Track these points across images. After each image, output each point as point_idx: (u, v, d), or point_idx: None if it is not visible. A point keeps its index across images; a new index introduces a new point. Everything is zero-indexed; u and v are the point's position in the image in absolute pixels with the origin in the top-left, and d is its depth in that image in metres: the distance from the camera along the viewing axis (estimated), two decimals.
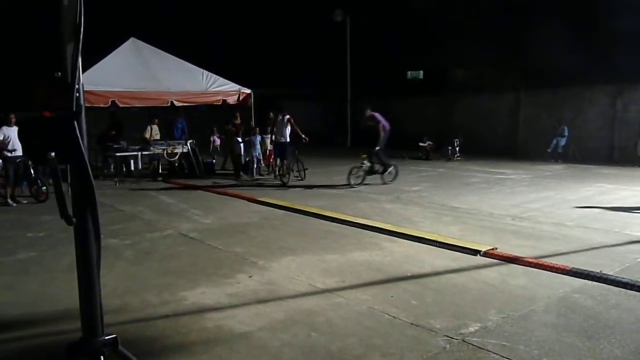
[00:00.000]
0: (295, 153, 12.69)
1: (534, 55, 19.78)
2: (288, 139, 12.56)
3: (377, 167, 12.00)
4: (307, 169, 12.95)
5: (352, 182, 11.56)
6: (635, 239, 6.76)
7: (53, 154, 1.54)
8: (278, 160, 13.02)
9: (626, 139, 16.52)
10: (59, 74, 1.56)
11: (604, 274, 5.24)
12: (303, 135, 12.50)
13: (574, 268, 5.41)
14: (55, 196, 1.52)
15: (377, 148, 11.78)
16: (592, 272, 5.29)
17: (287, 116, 12.58)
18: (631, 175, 13.30)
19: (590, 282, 5.12)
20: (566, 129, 17.23)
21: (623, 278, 5.10)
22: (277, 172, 12.58)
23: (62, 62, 1.56)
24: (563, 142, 17.28)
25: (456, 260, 5.95)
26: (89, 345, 1.77)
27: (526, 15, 20.11)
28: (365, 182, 11.79)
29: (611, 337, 3.92)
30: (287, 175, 12.35)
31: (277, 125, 12.79)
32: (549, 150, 17.27)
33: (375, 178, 12.08)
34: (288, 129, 12.53)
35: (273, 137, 13.31)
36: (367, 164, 11.81)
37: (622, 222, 7.80)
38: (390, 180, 12.18)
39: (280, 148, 12.74)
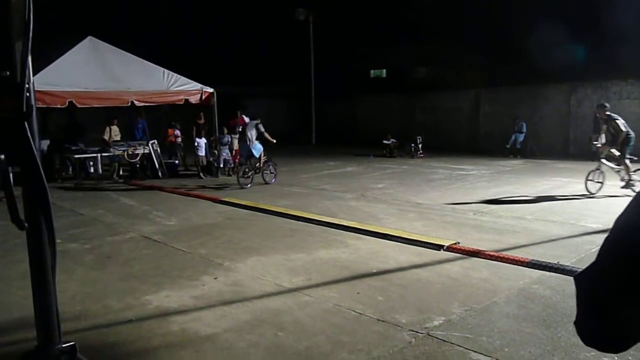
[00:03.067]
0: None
1: (494, 54, 20.28)
2: (254, 141, 12.29)
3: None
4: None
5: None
6: (589, 231, 7.01)
7: (3, 156, 1.47)
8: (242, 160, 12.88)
9: (580, 134, 17.10)
10: (7, 73, 1.50)
11: (561, 264, 5.42)
12: (270, 139, 12.35)
13: (532, 260, 5.57)
14: (6, 200, 1.45)
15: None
16: (550, 263, 5.46)
17: (257, 121, 12.32)
18: (585, 169, 13.75)
19: (548, 273, 5.28)
20: (524, 125, 17.73)
21: (579, 268, 5.25)
22: (239, 174, 12.23)
23: (11, 60, 1.50)
24: (521, 138, 17.76)
25: (420, 256, 6.03)
26: (45, 354, 1.71)
27: (486, 17, 20.58)
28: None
29: (568, 325, 4.04)
30: (249, 176, 12.05)
31: (248, 126, 12.57)
32: (507, 146, 17.73)
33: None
34: (254, 132, 12.29)
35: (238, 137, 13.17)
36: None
37: (578, 214, 8.07)
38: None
39: (245, 149, 12.55)
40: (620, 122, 9.65)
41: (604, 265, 0.93)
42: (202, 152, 13.68)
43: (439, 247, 6.27)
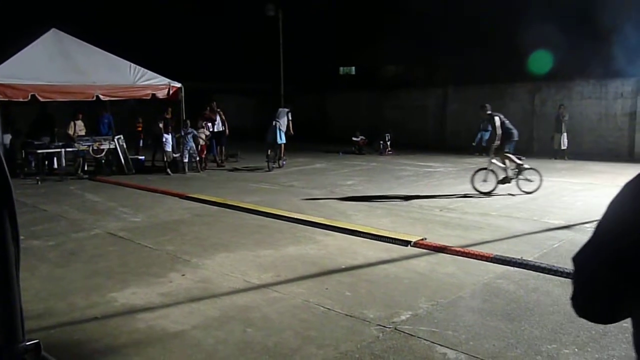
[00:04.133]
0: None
1: (461, 53, 20.62)
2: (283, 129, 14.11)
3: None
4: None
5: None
6: (552, 227, 7.22)
7: None
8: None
9: (544, 133, 17.56)
10: None
11: (524, 260, 5.57)
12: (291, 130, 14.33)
13: (497, 255, 5.71)
14: None
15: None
16: (513, 258, 5.60)
17: (287, 109, 14.65)
18: (548, 167, 14.15)
19: (512, 268, 5.42)
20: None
21: (542, 263, 5.44)
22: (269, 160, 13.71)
23: None
24: (487, 136, 18.10)
25: (388, 252, 6.11)
26: (8, 352, 1.67)
27: (453, 16, 20.90)
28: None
29: (531, 318, 4.17)
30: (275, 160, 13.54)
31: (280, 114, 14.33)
32: (474, 144, 18.05)
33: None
34: (285, 120, 14.20)
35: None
36: None
37: (541, 211, 8.30)
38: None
39: (272, 136, 13.92)
40: (499, 121, 10.23)
41: (592, 251, 1.00)
42: (169, 148, 13.47)
43: (406, 243, 6.35)
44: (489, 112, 10.62)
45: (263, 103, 26.09)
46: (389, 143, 18.51)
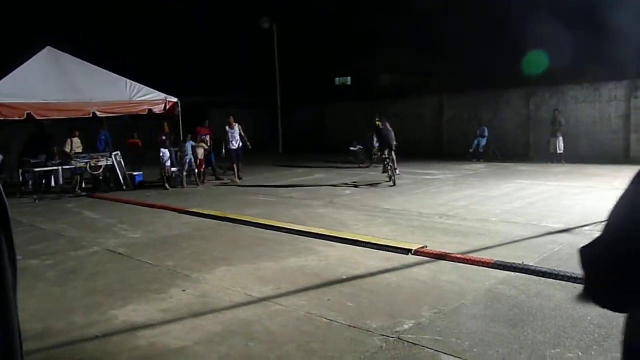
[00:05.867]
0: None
1: (455, 61, 20.72)
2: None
3: None
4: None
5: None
6: (551, 231, 7.21)
7: None
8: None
9: (540, 137, 17.62)
10: None
11: (525, 265, 5.55)
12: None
13: (498, 261, 5.69)
14: None
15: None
16: (514, 264, 5.59)
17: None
18: (545, 172, 14.19)
19: (513, 273, 5.40)
20: (486, 129, 18.13)
21: (543, 268, 5.42)
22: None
23: None
24: (484, 142, 18.16)
25: (389, 261, 6.08)
26: None
27: (445, 22, 21.02)
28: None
29: (534, 323, 4.15)
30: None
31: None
32: (471, 151, 18.10)
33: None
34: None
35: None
36: None
37: (540, 215, 8.30)
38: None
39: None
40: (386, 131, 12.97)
41: (605, 241, 1.03)
42: (167, 163, 13.47)
43: (407, 251, 6.33)
44: (378, 122, 13.33)
45: (260, 116, 26.20)
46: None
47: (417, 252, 6.28)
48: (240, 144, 14.27)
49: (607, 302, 1.05)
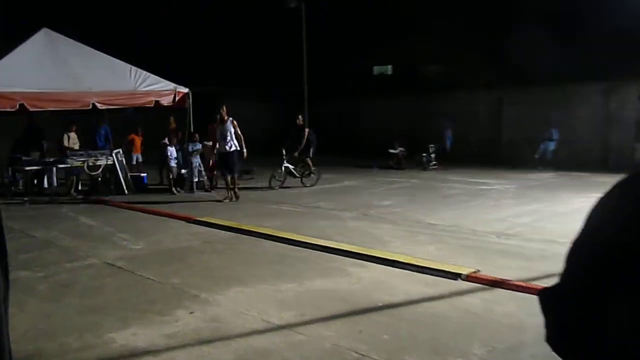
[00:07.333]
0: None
1: (519, 48, 20.39)
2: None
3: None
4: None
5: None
6: None
7: None
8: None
9: (622, 142, 17.22)
10: None
11: None
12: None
13: None
14: None
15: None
16: None
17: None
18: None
19: None
20: (555, 132, 17.81)
21: None
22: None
23: None
24: (552, 146, 17.86)
25: (434, 286, 6.04)
26: None
27: (509, 3, 20.77)
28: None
29: None
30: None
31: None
32: (536, 157, 17.82)
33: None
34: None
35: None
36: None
37: None
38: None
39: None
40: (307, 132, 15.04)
41: (569, 273, 1.07)
42: (173, 163, 13.66)
43: (455, 275, 6.28)
44: (300, 123, 15.20)
45: (282, 111, 26.35)
46: (433, 156, 18.44)
47: (468, 277, 6.22)
48: (235, 147, 12.30)
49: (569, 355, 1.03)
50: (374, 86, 26.34)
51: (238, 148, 12.27)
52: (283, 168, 14.37)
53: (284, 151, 14.52)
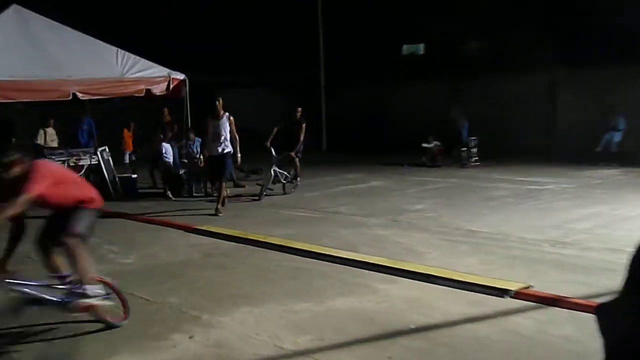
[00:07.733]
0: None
1: (577, 20, 20.16)
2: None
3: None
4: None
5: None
6: None
7: None
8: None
9: None
10: None
11: None
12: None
13: None
14: None
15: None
16: None
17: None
18: None
19: None
20: (622, 120, 17.62)
21: None
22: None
23: None
24: (618, 138, 17.67)
25: (477, 305, 6.04)
26: None
27: None
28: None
29: None
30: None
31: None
32: (599, 150, 17.65)
33: None
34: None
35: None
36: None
37: None
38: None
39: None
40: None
41: (631, 284, 1.06)
42: (169, 161, 13.73)
43: (503, 292, 6.27)
44: (299, 116, 14.48)
45: (295, 101, 26.37)
46: (474, 150, 18.35)
47: (517, 294, 6.21)
48: (229, 149, 11.91)
49: None
50: (403, 68, 26.24)
51: (232, 150, 11.91)
52: (272, 172, 13.42)
53: (273, 150, 13.39)
